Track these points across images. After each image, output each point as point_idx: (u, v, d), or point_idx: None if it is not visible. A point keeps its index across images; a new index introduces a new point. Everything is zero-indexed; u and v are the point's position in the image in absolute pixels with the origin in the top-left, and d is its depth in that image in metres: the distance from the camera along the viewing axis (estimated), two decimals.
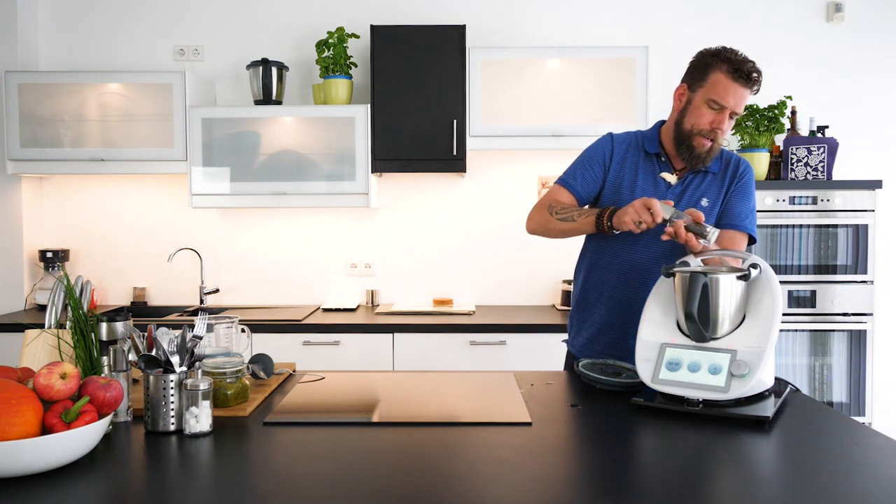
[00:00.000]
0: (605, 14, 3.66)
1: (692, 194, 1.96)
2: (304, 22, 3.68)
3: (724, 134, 1.90)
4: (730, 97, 1.85)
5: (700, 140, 1.89)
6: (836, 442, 1.41)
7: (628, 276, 1.98)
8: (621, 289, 1.99)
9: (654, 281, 1.84)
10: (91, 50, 3.70)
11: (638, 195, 1.94)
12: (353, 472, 1.28)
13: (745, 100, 1.88)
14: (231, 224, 3.72)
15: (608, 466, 1.31)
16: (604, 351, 2.02)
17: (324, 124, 3.36)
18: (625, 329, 1.97)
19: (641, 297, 1.84)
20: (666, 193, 1.96)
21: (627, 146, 2.02)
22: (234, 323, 1.96)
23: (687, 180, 1.97)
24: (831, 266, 3.13)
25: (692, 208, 1.82)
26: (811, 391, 3.17)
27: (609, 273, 2.01)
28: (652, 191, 1.96)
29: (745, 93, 1.86)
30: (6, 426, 1.20)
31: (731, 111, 1.87)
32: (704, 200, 1.97)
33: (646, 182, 1.97)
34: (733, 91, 1.84)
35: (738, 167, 2.00)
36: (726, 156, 2.02)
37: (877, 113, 3.66)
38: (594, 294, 2.06)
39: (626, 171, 1.99)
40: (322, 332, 3.13)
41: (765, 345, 1.56)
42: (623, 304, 1.99)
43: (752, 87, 1.86)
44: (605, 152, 2.02)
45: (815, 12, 3.65)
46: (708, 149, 1.90)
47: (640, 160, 2.00)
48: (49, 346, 1.71)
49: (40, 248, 3.63)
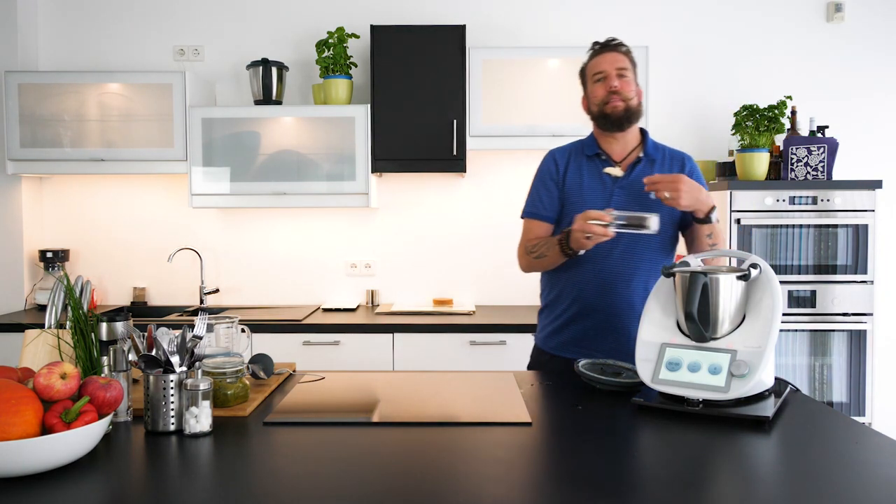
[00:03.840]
0: (605, 14, 3.66)
1: (641, 185, 2.01)
2: (304, 22, 3.68)
3: (626, 89, 2.02)
4: (603, 63, 2.05)
5: (609, 107, 2.02)
6: (836, 442, 1.41)
7: (597, 278, 2.04)
8: (590, 290, 2.05)
9: (624, 282, 1.98)
10: (91, 50, 3.70)
11: (586, 196, 2.04)
12: (353, 472, 1.28)
13: (620, 61, 2.04)
14: (231, 224, 3.72)
15: (608, 466, 1.31)
16: (566, 343, 2.10)
17: (324, 124, 3.36)
18: (585, 326, 2.06)
19: (608, 300, 1.99)
20: (613, 187, 2.03)
21: (569, 155, 2.14)
22: (234, 323, 1.96)
23: (633, 171, 2.05)
24: (831, 266, 3.13)
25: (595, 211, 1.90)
26: (811, 391, 3.17)
27: (577, 274, 2.06)
28: (599, 188, 2.04)
29: (615, 55, 2.05)
30: (6, 426, 1.20)
31: (615, 72, 2.02)
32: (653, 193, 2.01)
33: (592, 181, 2.06)
34: (602, 59, 2.06)
35: (684, 164, 2.09)
36: (669, 151, 2.12)
37: (877, 113, 3.66)
38: (560, 292, 2.12)
39: (571, 176, 2.09)
40: (322, 332, 3.13)
41: (765, 345, 1.56)
42: (591, 305, 2.05)
43: (618, 49, 2.06)
44: (552, 168, 2.13)
45: (815, 12, 3.65)
46: (623, 108, 2.02)
47: (583, 164, 2.10)
48: (49, 346, 1.71)
49: (40, 248, 3.63)
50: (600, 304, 2.03)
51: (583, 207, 1.97)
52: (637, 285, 2.02)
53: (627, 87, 2.02)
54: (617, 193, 2.03)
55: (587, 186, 2.06)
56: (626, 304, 2.02)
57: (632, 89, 2.04)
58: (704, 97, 3.66)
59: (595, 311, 2.04)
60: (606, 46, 2.08)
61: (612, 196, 2.03)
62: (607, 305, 2.03)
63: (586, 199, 2.04)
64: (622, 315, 2.02)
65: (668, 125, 3.66)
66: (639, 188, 2.01)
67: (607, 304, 2.02)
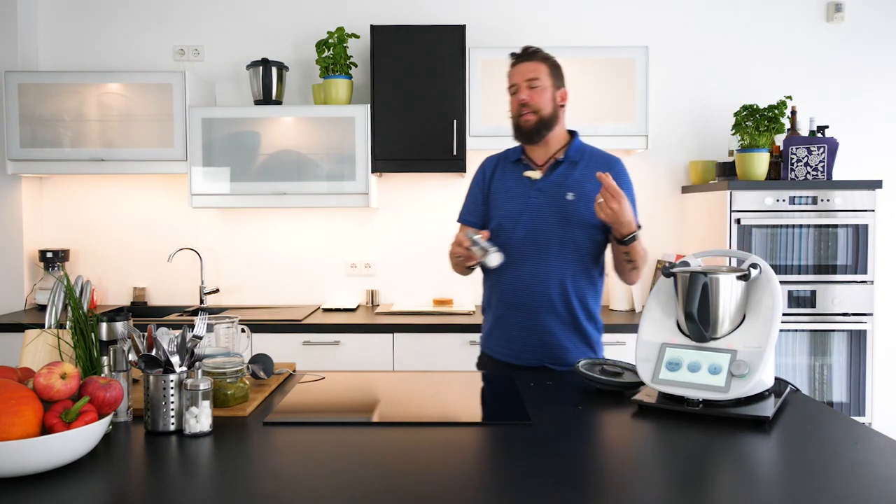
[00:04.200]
0: (605, 14, 3.66)
1: (557, 187, 2.07)
2: (304, 22, 3.68)
3: (536, 101, 2.05)
4: (515, 76, 2.09)
5: (521, 120, 2.07)
6: (836, 442, 1.41)
7: (517, 279, 2.08)
8: (511, 291, 2.09)
9: (542, 283, 2.03)
10: (91, 50, 3.70)
11: (508, 197, 2.11)
12: (353, 472, 1.28)
13: (532, 71, 2.06)
14: (231, 224, 3.72)
15: (608, 466, 1.31)
16: (498, 343, 2.14)
17: (324, 124, 3.36)
18: (510, 326, 2.10)
19: (528, 300, 2.05)
20: (531, 189, 2.07)
21: (497, 162, 2.21)
22: (234, 323, 1.96)
23: (551, 174, 2.08)
24: (831, 266, 3.13)
25: (485, 231, 2.00)
26: (811, 391, 3.17)
27: (501, 276, 2.11)
28: (519, 190, 2.10)
29: (527, 65, 2.07)
30: (6, 426, 1.20)
31: (525, 84, 2.05)
32: (570, 195, 2.05)
33: (514, 184, 2.13)
34: (515, 70, 2.09)
35: (614, 166, 2.10)
36: (597, 154, 2.14)
37: (876, 112, 3.66)
38: (490, 294, 2.18)
39: (497, 181, 2.17)
40: (322, 332, 3.13)
41: (765, 345, 1.56)
42: (513, 305, 2.10)
43: (531, 58, 2.08)
44: (479, 176, 2.22)
45: (815, 12, 3.65)
46: (534, 121, 2.05)
47: (507, 169, 2.17)
48: (49, 346, 1.71)
49: (40, 248, 3.63)
50: (521, 304, 2.07)
51: (503, 209, 2.10)
52: (553, 285, 2.04)
53: (538, 98, 2.05)
54: (534, 195, 2.07)
55: (508, 189, 2.13)
56: (546, 304, 2.05)
57: (543, 99, 2.05)
58: (704, 97, 3.66)
59: (516, 312, 2.08)
60: (520, 57, 2.10)
61: (529, 198, 2.07)
62: (528, 306, 2.06)
63: (507, 201, 2.10)
64: (542, 315, 2.06)
65: (669, 125, 3.67)
66: (555, 189, 2.06)
67: (527, 305, 2.06)
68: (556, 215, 2.04)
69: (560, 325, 2.07)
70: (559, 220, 2.04)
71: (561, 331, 2.07)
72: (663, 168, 3.69)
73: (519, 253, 2.06)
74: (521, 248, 2.06)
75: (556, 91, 2.09)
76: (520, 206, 2.08)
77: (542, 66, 2.07)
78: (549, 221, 2.05)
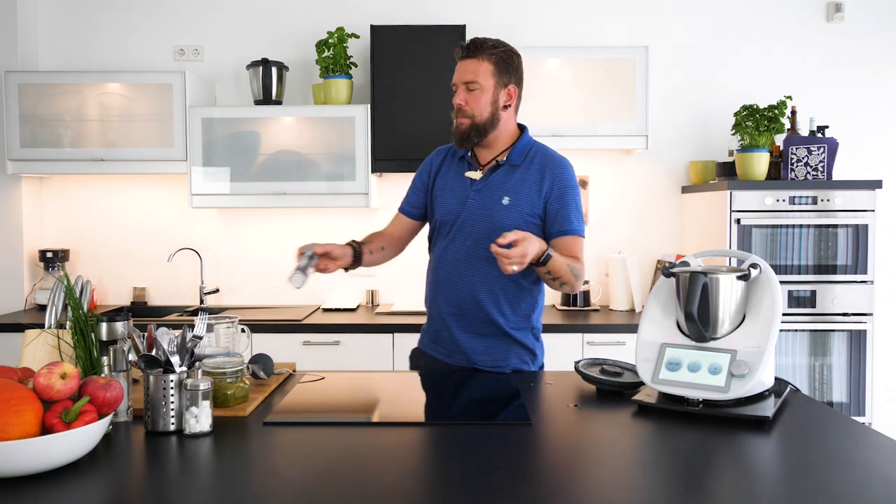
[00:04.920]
0: (605, 14, 3.66)
1: (494, 190, 2.00)
2: (304, 22, 3.67)
3: (472, 105, 1.97)
4: (456, 75, 2.01)
5: (457, 122, 2.01)
6: (836, 442, 1.41)
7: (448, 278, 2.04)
8: (440, 290, 2.06)
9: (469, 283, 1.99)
10: (91, 50, 3.70)
11: (447, 195, 2.06)
12: (353, 472, 1.28)
13: (472, 71, 1.96)
14: (231, 224, 3.72)
15: (608, 466, 1.31)
16: (432, 340, 2.12)
17: (324, 124, 3.36)
18: (442, 325, 2.06)
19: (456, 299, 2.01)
20: (470, 190, 2.02)
21: (445, 155, 2.15)
22: (234, 323, 1.96)
23: (491, 176, 2.03)
24: (831, 266, 3.13)
25: (319, 245, 1.97)
26: (811, 391, 3.17)
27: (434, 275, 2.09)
28: (460, 191, 2.04)
29: (468, 64, 1.97)
30: (6, 426, 1.20)
31: (463, 86, 1.98)
32: (506, 199, 1.98)
33: (455, 183, 2.07)
34: (457, 68, 2.01)
35: (555, 169, 2.00)
36: (540, 158, 2.02)
37: (877, 113, 3.66)
38: (426, 291, 2.15)
39: (441, 177, 2.11)
40: (322, 332, 3.13)
41: (765, 345, 1.56)
42: (442, 304, 2.06)
43: (474, 55, 1.96)
44: (426, 167, 2.17)
45: (815, 12, 3.65)
46: (466, 126, 1.99)
47: (453, 165, 2.11)
48: (49, 346, 1.71)
49: (40, 248, 3.63)
50: (453, 307, 2.03)
51: (443, 207, 2.06)
52: (482, 289, 1.99)
53: (474, 103, 1.96)
54: (472, 196, 2.01)
55: (450, 187, 2.07)
56: (474, 309, 2.01)
57: (480, 104, 1.96)
58: (704, 97, 3.66)
59: (448, 314, 2.04)
60: (466, 48, 1.98)
61: (467, 199, 2.02)
62: (459, 309, 2.02)
63: (447, 199, 2.06)
64: (472, 319, 2.01)
65: (668, 125, 3.67)
66: (492, 192, 2.00)
67: (459, 308, 2.02)
68: (490, 219, 1.97)
69: (488, 329, 2.01)
70: (491, 224, 1.96)
71: (488, 333, 2.01)
72: (663, 168, 3.69)
73: (454, 255, 2.01)
74: (456, 249, 2.01)
75: (501, 90, 1.98)
76: (458, 207, 2.02)
77: (484, 64, 1.95)
78: (483, 226, 1.97)
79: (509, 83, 2.00)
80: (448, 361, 2.07)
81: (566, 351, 3.09)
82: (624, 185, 3.70)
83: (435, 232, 2.10)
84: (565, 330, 3.12)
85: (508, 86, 2.00)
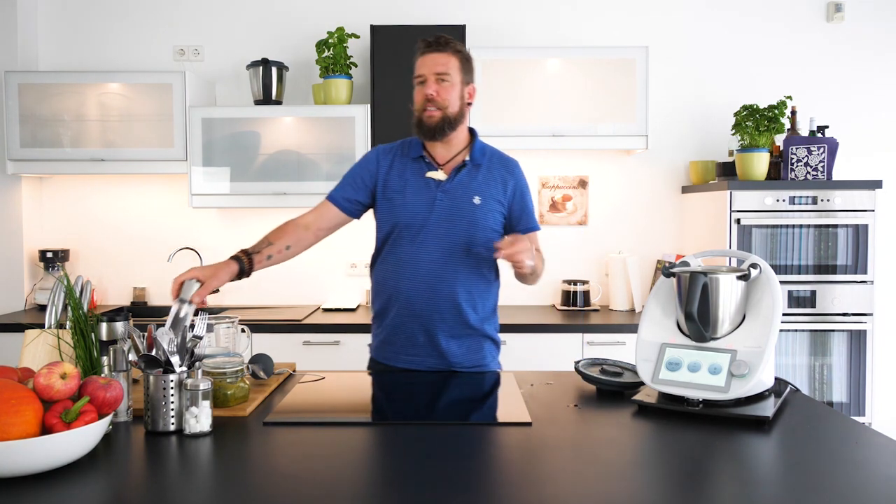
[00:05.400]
0: (605, 14, 3.66)
1: (463, 190, 2.01)
2: (304, 22, 3.67)
3: (443, 97, 1.96)
4: (423, 67, 1.98)
5: (425, 115, 1.97)
6: (836, 442, 1.41)
7: (422, 283, 2.00)
8: (414, 295, 2.01)
9: (448, 285, 1.98)
10: (91, 50, 3.69)
11: (410, 197, 2.01)
12: (353, 472, 1.28)
13: (442, 63, 1.96)
14: (231, 224, 3.72)
15: (608, 466, 1.31)
16: (398, 352, 2.06)
17: (324, 124, 3.36)
18: (413, 332, 2.02)
19: (433, 304, 1.98)
20: (437, 191, 2.00)
21: (393, 155, 2.09)
22: (234, 323, 1.96)
23: (456, 176, 2.02)
24: (831, 266, 3.13)
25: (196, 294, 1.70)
26: (811, 391, 3.17)
27: (402, 281, 2.02)
28: (424, 192, 2.01)
29: (438, 56, 1.96)
30: (6, 426, 1.20)
31: (433, 77, 1.96)
32: (477, 199, 2.00)
33: (417, 185, 2.02)
34: (423, 60, 1.98)
35: (514, 170, 2.08)
36: (498, 156, 2.09)
37: (877, 113, 3.66)
38: (387, 300, 2.06)
39: (394, 178, 2.04)
40: (322, 332, 3.13)
41: (765, 345, 1.56)
42: (415, 310, 2.01)
43: (443, 49, 1.97)
44: (372, 166, 2.08)
45: (815, 12, 3.65)
46: (438, 118, 1.96)
47: (406, 166, 2.05)
48: (49, 346, 1.71)
49: (40, 248, 3.63)
50: (427, 310, 2.00)
51: (408, 210, 2.00)
52: (460, 289, 2.00)
53: (445, 94, 1.96)
54: (440, 198, 1.99)
55: (411, 190, 2.01)
56: (452, 309, 2.00)
57: (450, 96, 1.96)
58: (704, 97, 3.66)
59: (421, 318, 2.00)
60: (431, 46, 1.98)
61: (434, 200, 1.99)
62: (433, 311, 1.99)
63: (409, 203, 2.00)
64: (449, 320, 2.01)
65: (668, 125, 3.67)
66: (461, 192, 2.00)
67: (433, 310, 1.99)
68: (463, 219, 1.98)
69: (463, 327, 2.02)
70: (466, 225, 1.97)
71: (463, 333, 2.02)
72: (663, 168, 3.69)
73: (428, 257, 1.98)
74: (429, 251, 1.98)
75: (465, 87, 2.00)
76: (426, 209, 1.99)
77: (453, 58, 1.97)
78: (456, 225, 1.98)
79: (471, 82, 2.05)
80: (419, 368, 2.03)
81: (566, 351, 3.09)
82: (624, 185, 3.70)
83: (392, 235, 2.03)
84: (565, 330, 3.12)
85: (470, 84, 2.04)
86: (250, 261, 1.92)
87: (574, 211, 3.69)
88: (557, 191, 3.69)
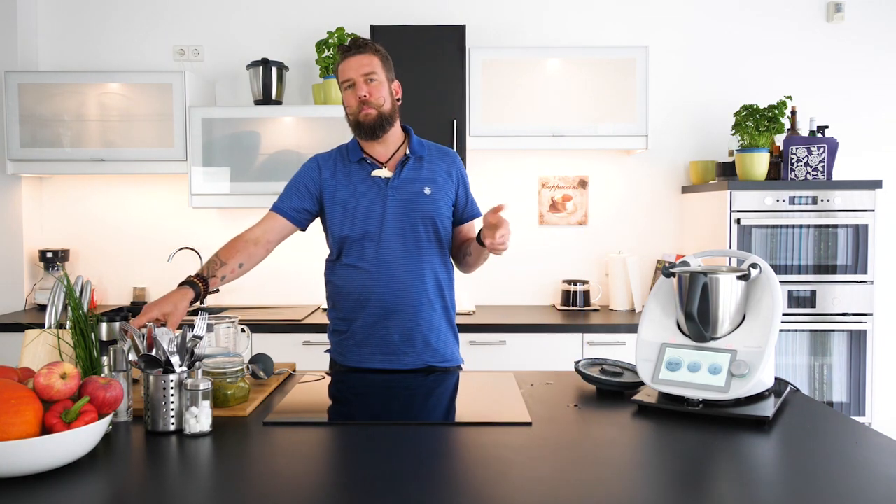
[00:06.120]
0: (605, 14, 3.66)
1: (412, 182, 2.04)
2: (304, 22, 3.68)
3: (375, 96, 1.99)
4: (349, 70, 1.99)
5: (361, 115, 1.99)
6: (836, 442, 1.41)
7: (395, 280, 2.01)
8: (389, 294, 2.01)
9: (420, 279, 2.00)
10: (91, 50, 3.70)
11: (362, 201, 2.02)
12: (352, 472, 1.28)
13: (367, 64, 1.99)
14: (231, 224, 3.72)
15: (608, 466, 1.31)
16: (375, 352, 2.04)
17: (324, 124, 3.36)
18: (389, 330, 2.02)
19: (409, 300, 1.99)
20: (387, 189, 2.02)
21: (335, 162, 2.10)
22: (234, 323, 1.96)
23: (402, 171, 2.05)
24: (831, 266, 3.13)
25: (170, 323, 1.68)
26: (811, 391, 3.17)
27: (369, 281, 2.02)
28: (375, 191, 2.03)
29: (360, 58, 1.99)
30: (6, 426, 1.20)
31: (362, 78, 1.98)
32: (427, 189, 2.04)
33: (365, 186, 2.04)
34: (348, 64, 1.99)
35: (454, 160, 2.15)
36: (435, 147, 2.15)
37: (877, 113, 3.66)
38: (358, 302, 2.05)
39: (340, 184, 2.05)
40: (322, 332, 3.12)
41: (765, 345, 1.56)
42: (391, 308, 2.01)
43: (363, 51, 2.00)
44: (314, 174, 2.09)
45: (815, 12, 3.65)
46: (374, 116, 1.99)
47: (351, 169, 2.07)
48: (49, 346, 1.71)
49: (40, 248, 3.63)
50: (402, 306, 2.00)
51: (361, 213, 2.01)
52: (430, 281, 2.03)
53: (376, 93, 1.99)
54: (392, 194, 2.01)
55: (362, 192, 2.02)
56: (425, 301, 2.02)
57: (382, 94, 2.00)
58: (704, 97, 3.66)
59: (397, 315, 2.01)
60: (350, 49, 2.01)
61: (387, 197, 2.01)
62: (409, 306, 2.01)
63: (362, 205, 2.01)
64: (424, 313, 2.02)
65: (668, 125, 3.67)
66: (411, 186, 2.03)
67: (409, 305, 2.01)
68: (418, 211, 2.01)
69: (438, 319, 2.06)
70: (422, 216, 2.02)
71: (440, 325, 2.06)
72: (663, 168, 3.69)
73: (391, 253, 2.00)
74: (392, 248, 2.00)
75: (391, 84, 2.05)
76: (380, 208, 2.01)
77: (375, 58, 2.00)
78: (413, 218, 2.01)
79: (394, 79, 2.09)
80: (398, 367, 2.03)
81: (566, 351, 3.09)
82: (624, 185, 3.70)
83: (350, 239, 2.03)
84: (565, 330, 3.12)
85: (394, 81, 2.09)
86: (206, 285, 1.94)
87: (574, 211, 3.69)
88: (557, 191, 3.69)
